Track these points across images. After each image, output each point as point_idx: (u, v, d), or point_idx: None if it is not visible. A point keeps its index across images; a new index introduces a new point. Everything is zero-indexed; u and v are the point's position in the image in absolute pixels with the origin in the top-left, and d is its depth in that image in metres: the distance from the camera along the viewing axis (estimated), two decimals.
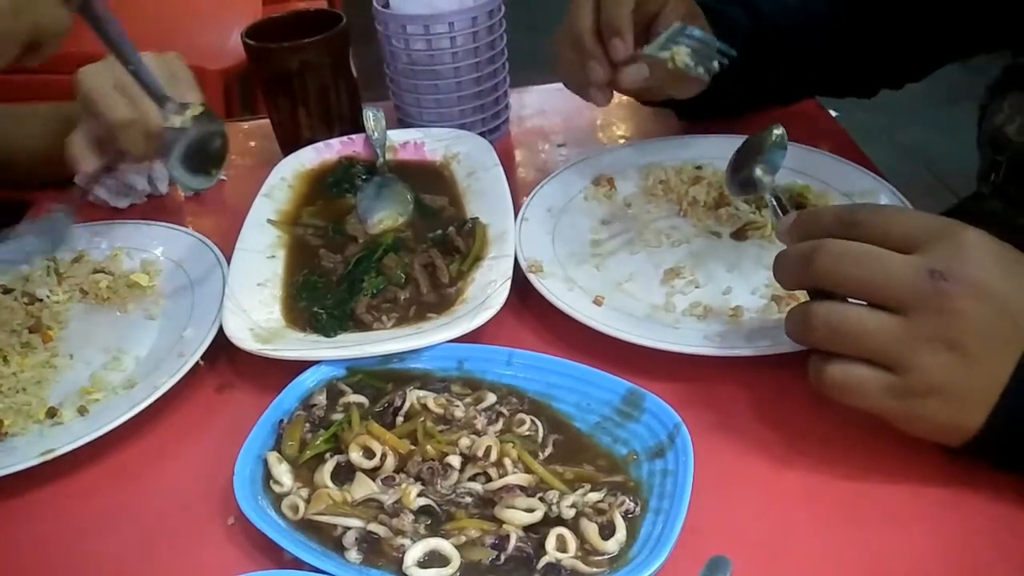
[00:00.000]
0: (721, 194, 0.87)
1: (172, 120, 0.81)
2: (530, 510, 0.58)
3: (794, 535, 0.58)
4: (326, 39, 0.98)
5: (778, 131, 0.77)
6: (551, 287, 0.76)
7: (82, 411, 0.71)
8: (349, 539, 0.58)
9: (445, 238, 0.84)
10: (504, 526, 0.58)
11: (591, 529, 0.57)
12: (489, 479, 0.61)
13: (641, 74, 0.80)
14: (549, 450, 0.64)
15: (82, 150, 0.89)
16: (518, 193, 0.90)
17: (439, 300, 0.78)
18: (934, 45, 0.93)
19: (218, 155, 0.84)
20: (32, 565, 0.61)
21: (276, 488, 0.63)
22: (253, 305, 0.78)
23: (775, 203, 0.69)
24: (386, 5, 1.00)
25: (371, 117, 1.00)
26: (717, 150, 0.92)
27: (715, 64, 0.77)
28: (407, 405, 0.66)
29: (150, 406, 0.69)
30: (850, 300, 0.57)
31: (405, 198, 0.90)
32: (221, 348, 0.74)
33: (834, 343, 0.57)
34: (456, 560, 0.56)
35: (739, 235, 0.84)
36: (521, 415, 0.66)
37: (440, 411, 0.66)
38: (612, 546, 0.56)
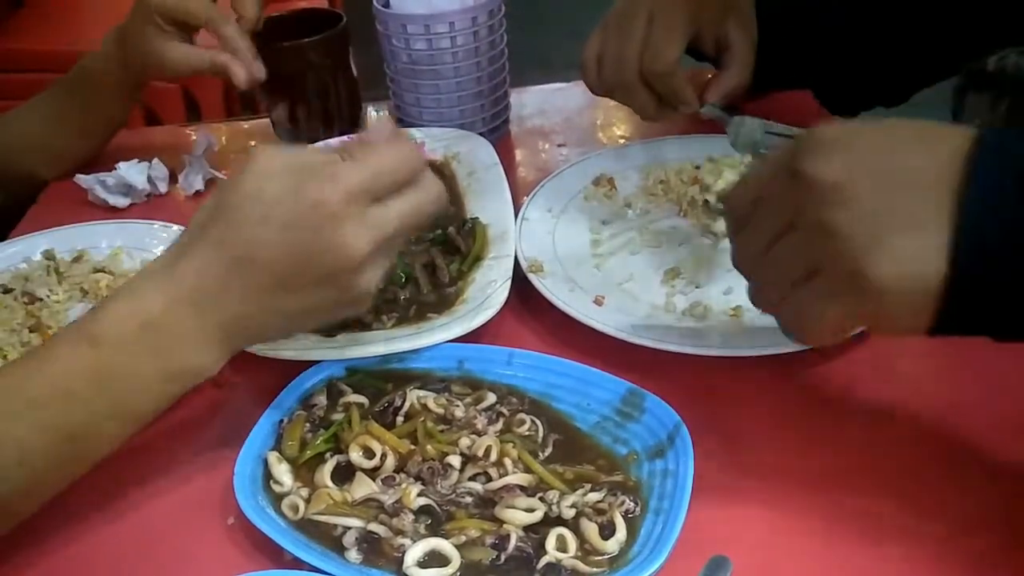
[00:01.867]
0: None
1: None
2: (530, 510, 0.58)
3: (794, 535, 0.58)
4: (326, 39, 0.98)
5: None
6: (551, 287, 0.76)
7: None
8: (349, 539, 0.58)
9: (445, 238, 0.84)
10: (504, 526, 0.58)
11: (591, 529, 0.57)
12: (489, 479, 0.61)
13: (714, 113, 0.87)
14: (549, 450, 0.64)
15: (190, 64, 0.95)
16: (518, 193, 0.90)
17: (439, 300, 0.78)
18: (927, 63, 0.93)
19: None
20: (32, 565, 0.61)
21: (276, 488, 0.63)
22: None
23: None
24: (386, 5, 1.00)
25: (374, 116, 1.00)
26: (717, 150, 0.92)
27: None
28: (407, 405, 0.66)
29: None
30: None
31: None
32: None
33: (771, 291, 0.57)
34: (456, 560, 0.56)
35: None
36: (521, 415, 0.66)
37: (440, 411, 0.66)
38: (612, 546, 0.56)
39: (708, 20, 0.84)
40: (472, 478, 0.62)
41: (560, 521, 0.58)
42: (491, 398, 0.68)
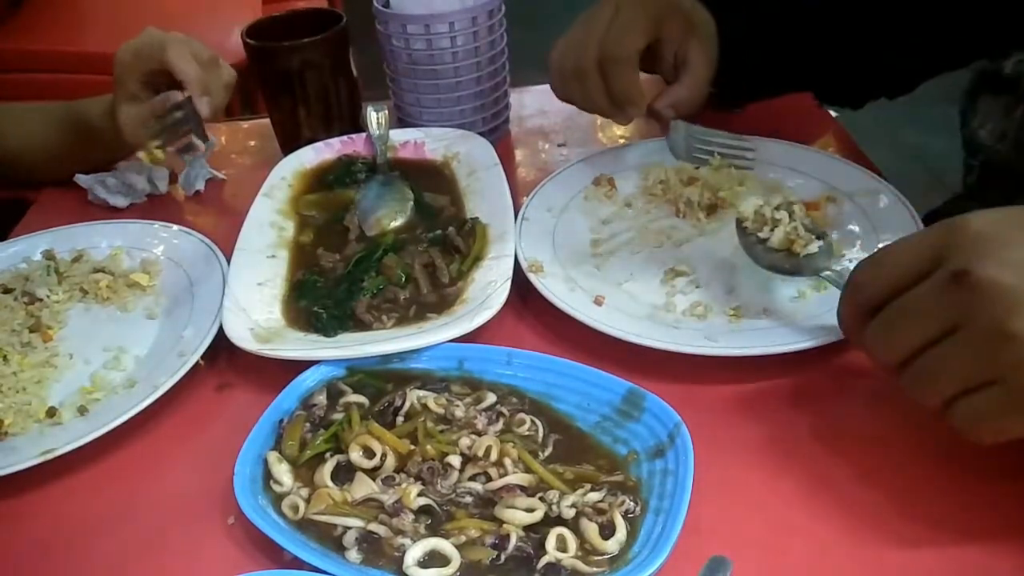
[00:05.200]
0: (716, 195, 0.87)
1: None
2: (530, 510, 0.58)
3: (794, 535, 0.58)
4: (326, 39, 0.98)
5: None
6: (551, 287, 0.76)
7: (82, 411, 0.71)
8: (349, 539, 0.58)
9: (445, 238, 0.84)
10: (504, 526, 0.58)
11: (591, 529, 0.57)
12: (489, 479, 0.61)
13: (668, 114, 0.88)
14: (549, 450, 0.64)
15: (137, 125, 0.92)
16: (518, 193, 0.90)
17: (439, 300, 0.78)
18: (932, 54, 0.93)
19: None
20: (32, 565, 0.61)
21: (276, 488, 0.63)
22: (253, 305, 0.78)
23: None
24: (386, 5, 1.00)
25: (374, 115, 1.00)
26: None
27: (748, 160, 0.89)
28: (407, 405, 0.66)
29: (150, 406, 0.69)
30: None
31: (406, 197, 0.91)
32: (221, 348, 0.74)
33: (934, 393, 0.55)
34: (456, 560, 0.56)
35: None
36: (521, 415, 0.66)
37: (440, 411, 0.66)
38: (612, 546, 0.56)
39: (670, 32, 0.85)
40: (472, 478, 0.62)
41: (560, 521, 0.58)
42: (491, 398, 0.68)
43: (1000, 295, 0.50)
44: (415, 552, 0.56)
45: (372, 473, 0.62)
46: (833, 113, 1.07)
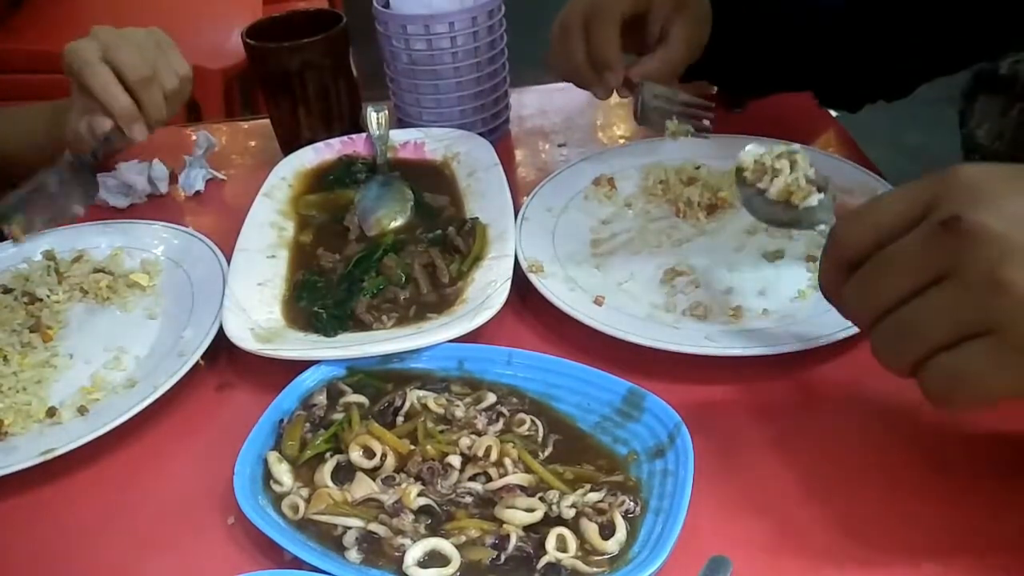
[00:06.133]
0: (716, 195, 0.87)
1: None
2: (530, 510, 0.58)
3: (794, 535, 0.58)
4: (326, 39, 0.98)
5: None
6: (551, 287, 0.76)
7: (82, 411, 0.71)
8: (349, 539, 0.58)
9: (445, 238, 0.84)
10: (504, 526, 0.58)
11: (591, 529, 0.57)
12: (489, 479, 0.61)
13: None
14: (549, 450, 0.64)
15: (79, 140, 0.90)
16: (518, 193, 0.90)
17: (439, 300, 0.78)
18: (929, 58, 0.93)
19: None
20: (32, 565, 0.61)
21: (276, 488, 0.62)
22: (253, 305, 0.78)
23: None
24: (386, 5, 1.00)
25: (374, 115, 1.00)
26: (716, 150, 0.92)
27: (706, 122, 0.88)
28: (407, 405, 0.66)
29: (150, 406, 0.69)
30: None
31: (406, 197, 0.91)
32: (221, 348, 0.74)
33: (911, 349, 0.50)
34: (456, 560, 0.56)
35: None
36: (521, 415, 0.66)
37: (440, 411, 0.66)
38: (612, 546, 0.56)
39: (659, 6, 0.86)
40: (472, 478, 0.62)
41: (560, 521, 0.58)
42: (491, 398, 0.68)
43: (992, 240, 0.46)
44: (415, 552, 0.56)
45: (372, 473, 0.62)
46: (833, 113, 1.07)
